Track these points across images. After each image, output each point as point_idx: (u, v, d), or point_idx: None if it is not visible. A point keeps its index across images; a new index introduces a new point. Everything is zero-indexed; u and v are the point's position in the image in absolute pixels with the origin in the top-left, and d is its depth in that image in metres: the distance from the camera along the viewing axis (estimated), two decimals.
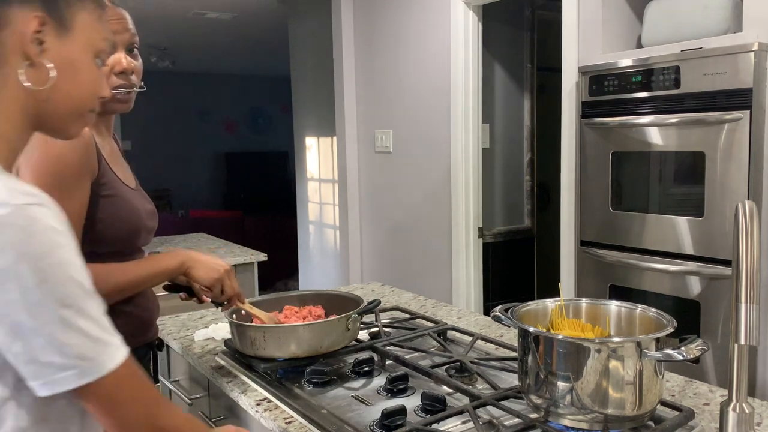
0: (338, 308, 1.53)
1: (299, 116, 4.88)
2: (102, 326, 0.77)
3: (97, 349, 0.75)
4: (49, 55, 0.80)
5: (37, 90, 0.80)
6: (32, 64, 0.79)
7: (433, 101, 3.33)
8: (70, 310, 0.73)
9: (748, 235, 0.93)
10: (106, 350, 0.76)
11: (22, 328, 0.71)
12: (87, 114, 0.87)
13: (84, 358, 0.74)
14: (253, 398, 1.29)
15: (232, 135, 9.97)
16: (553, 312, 1.20)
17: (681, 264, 2.15)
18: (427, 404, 1.20)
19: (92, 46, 0.85)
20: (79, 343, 0.74)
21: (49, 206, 0.75)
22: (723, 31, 2.15)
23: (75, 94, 0.84)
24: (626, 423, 1.03)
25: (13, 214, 0.71)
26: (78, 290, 0.75)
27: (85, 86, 0.85)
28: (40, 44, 0.80)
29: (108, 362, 0.76)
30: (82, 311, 0.74)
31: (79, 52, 0.83)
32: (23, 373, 0.74)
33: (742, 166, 1.98)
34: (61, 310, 0.72)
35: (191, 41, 6.71)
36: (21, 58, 0.79)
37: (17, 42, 0.79)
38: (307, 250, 4.92)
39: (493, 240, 3.76)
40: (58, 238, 0.74)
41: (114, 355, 0.77)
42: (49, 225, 0.73)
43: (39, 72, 0.80)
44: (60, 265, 0.73)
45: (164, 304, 2.76)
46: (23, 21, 0.78)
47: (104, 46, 0.87)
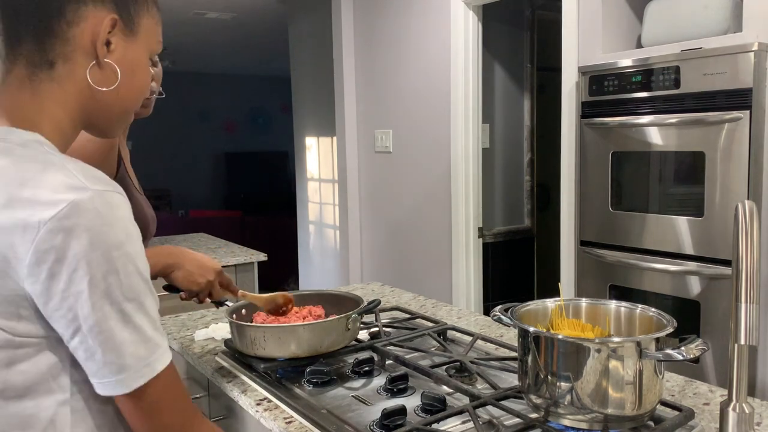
0: (338, 308, 1.53)
1: (299, 116, 4.88)
2: (156, 326, 0.76)
3: (149, 348, 0.74)
4: (115, 56, 0.80)
5: (100, 90, 0.80)
6: (98, 64, 0.79)
7: (433, 101, 3.33)
8: (132, 304, 0.72)
9: (748, 235, 0.93)
10: (156, 351, 0.75)
11: (85, 320, 0.70)
12: (132, 114, 0.88)
13: (138, 357, 0.73)
14: (253, 398, 1.29)
15: (232, 135, 9.97)
16: (553, 312, 1.20)
17: (681, 264, 2.15)
18: (427, 404, 1.20)
19: (150, 48, 0.86)
20: (135, 341, 0.72)
21: (123, 195, 0.74)
22: (723, 31, 2.15)
23: (131, 96, 0.84)
24: (626, 423, 1.03)
25: (93, 200, 0.70)
26: (143, 284, 0.74)
27: (139, 89, 0.85)
28: (107, 45, 0.79)
29: (158, 364, 0.75)
30: (142, 307, 0.73)
31: (140, 55, 0.84)
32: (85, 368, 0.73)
33: (742, 166, 1.98)
34: (124, 304, 0.71)
35: (191, 41, 6.71)
36: (89, 57, 0.79)
37: (87, 41, 0.78)
38: (307, 250, 4.92)
39: (493, 240, 3.76)
40: (131, 229, 0.73)
41: (162, 357, 0.76)
42: (125, 215, 0.73)
43: (105, 72, 0.80)
44: (130, 256, 0.72)
45: (164, 304, 2.76)
46: (96, 20, 0.78)
47: (158, 48, 0.88)
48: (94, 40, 0.78)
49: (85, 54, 0.78)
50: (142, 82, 0.85)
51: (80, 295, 0.69)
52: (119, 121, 0.86)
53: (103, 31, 0.78)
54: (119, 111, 0.84)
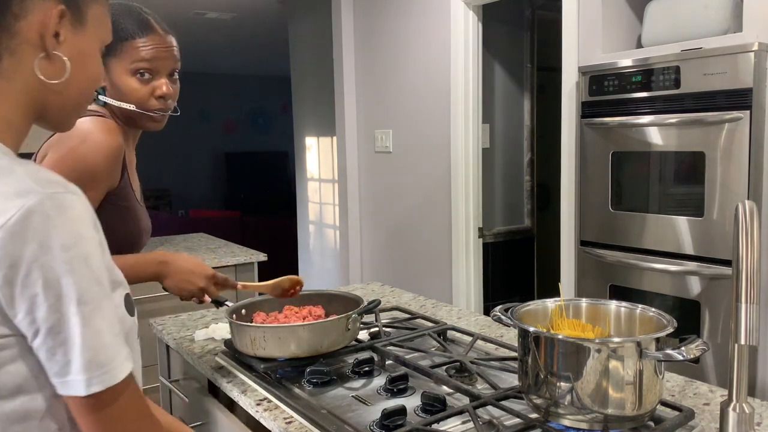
0: (338, 308, 1.53)
1: (299, 116, 4.88)
2: (115, 332, 0.74)
3: (109, 354, 0.72)
4: (65, 47, 0.79)
5: (50, 83, 0.78)
6: (48, 57, 0.78)
7: (433, 101, 3.32)
8: (88, 307, 0.70)
9: (748, 235, 0.93)
10: (116, 359, 0.73)
11: (43, 322, 0.69)
12: (84, 106, 0.86)
13: (97, 363, 0.71)
14: (253, 398, 1.29)
15: (232, 135, 9.96)
16: (553, 312, 1.20)
17: (681, 264, 2.15)
18: (427, 404, 1.20)
19: (101, 38, 0.85)
20: (94, 346, 0.71)
21: (78, 195, 0.73)
22: (723, 31, 2.15)
23: (82, 88, 0.83)
24: (626, 423, 1.03)
25: (43, 203, 0.69)
26: (97, 288, 0.72)
27: (92, 79, 0.84)
28: (56, 36, 0.78)
29: (118, 372, 0.73)
30: (99, 311, 0.72)
31: (90, 45, 0.82)
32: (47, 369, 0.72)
33: (742, 166, 1.98)
34: (81, 307, 0.70)
35: (191, 41, 6.71)
36: (37, 50, 0.77)
37: (34, 33, 0.77)
38: (307, 250, 4.92)
39: (493, 240, 3.76)
40: (84, 230, 0.72)
41: (122, 366, 0.74)
42: (77, 215, 0.71)
43: (54, 65, 0.78)
44: (84, 258, 0.71)
45: (164, 304, 2.77)
46: (43, 12, 0.77)
47: (108, 38, 0.87)
48: (42, 32, 0.77)
49: (32, 47, 0.77)
50: (93, 72, 0.84)
51: (35, 298, 0.69)
52: (72, 114, 0.85)
53: (51, 23, 0.77)
54: (72, 104, 0.83)
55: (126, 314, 0.82)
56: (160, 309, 2.75)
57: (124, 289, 0.83)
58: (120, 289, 0.82)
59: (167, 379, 1.82)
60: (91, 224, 0.74)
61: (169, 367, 1.83)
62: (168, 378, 1.82)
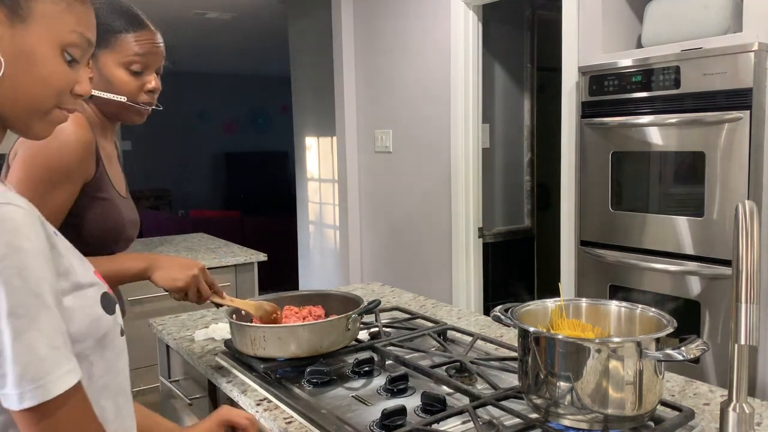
0: (338, 308, 1.53)
1: (299, 116, 4.88)
2: (53, 345, 0.70)
3: (43, 369, 0.69)
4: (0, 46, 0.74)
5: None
6: None
7: (433, 101, 3.32)
8: (21, 321, 0.68)
9: (748, 235, 0.93)
10: (53, 372, 0.69)
11: None
12: (54, 111, 0.80)
13: (30, 378, 0.68)
14: (253, 398, 1.29)
15: (232, 135, 9.97)
16: (553, 312, 1.20)
17: (681, 264, 2.15)
18: (427, 404, 1.20)
19: (56, 39, 0.77)
20: (27, 361, 0.68)
21: (20, 207, 0.71)
22: (723, 31, 2.15)
23: (33, 89, 0.76)
24: (626, 423, 1.03)
25: None
26: (33, 300, 0.69)
27: (46, 81, 0.77)
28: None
29: (53, 387, 0.69)
30: (34, 324, 0.69)
31: (38, 43, 0.75)
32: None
33: (742, 166, 1.98)
34: (12, 320, 0.67)
35: (191, 41, 6.71)
36: None
37: None
38: (307, 250, 4.92)
39: (493, 240, 3.76)
40: (20, 242, 0.69)
41: (63, 379, 0.70)
42: (13, 227, 0.69)
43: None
44: (18, 270, 0.68)
45: (164, 304, 2.77)
46: None
47: (73, 39, 0.78)
48: None
49: None
50: (47, 72, 0.76)
51: None
52: (32, 119, 0.79)
53: None
54: (26, 105, 0.77)
55: (103, 313, 0.81)
56: (160, 309, 2.76)
57: (99, 288, 0.82)
58: (92, 289, 0.80)
59: (167, 379, 1.82)
60: (32, 235, 0.70)
61: (169, 367, 1.83)
62: (168, 378, 1.82)
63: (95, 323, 0.79)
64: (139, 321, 2.68)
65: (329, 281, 4.57)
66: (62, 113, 0.81)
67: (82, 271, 0.80)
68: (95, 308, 0.80)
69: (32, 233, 0.71)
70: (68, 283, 0.77)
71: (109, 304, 0.83)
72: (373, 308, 1.53)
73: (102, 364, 0.81)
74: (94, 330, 0.79)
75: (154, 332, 1.84)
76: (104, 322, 0.81)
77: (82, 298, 0.79)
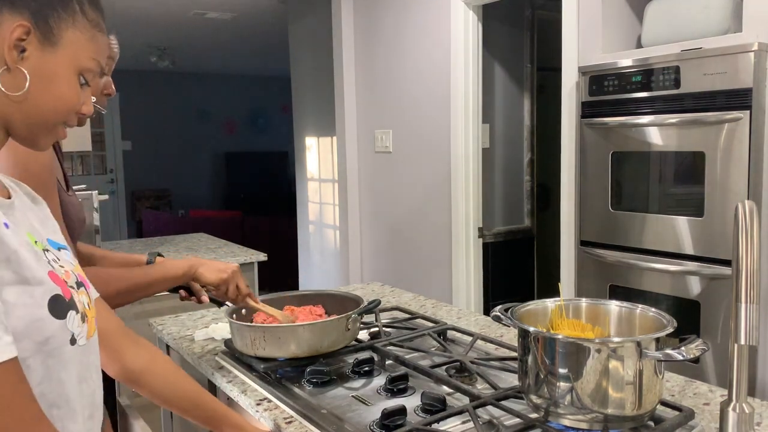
0: (338, 308, 1.53)
1: (299, 116, 4.88)
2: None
3: None
4: (28, 63, 0.81)
5: (9, 94, 0.80)
6: (9, 69, 0.80)
7: (433, 101, 3.33)
8: None
9: (748, 235, 0.93)
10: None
11: None
12: (59, 127, 0.86)
13: None
14: (253, 398, 1.29)
15: (232, 135, 9.97)
16: (553, 312, 1.20)
17: (681, 264, 2.15)
18: (427, 404, 1.20)
19: (77, 64, 0.85)
20: None
21: None
22: (723, 31, 2.15)
23: (47, 106, 0.83)
24: (626, 423, 1.03)
25: None
26: None
27: (60, 100, 0.84)
28: (21, 51, 0.80)
29: None
30: None
31: (61, 66, 0.83)
32: None
33: (742, 166, 1.98)
34: None
35: (191, 41, 6.71)
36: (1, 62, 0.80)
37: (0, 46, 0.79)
38: (307, 250, 4.92)
39: (493, 240, 3.76)
40: None
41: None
42: None
43: (15, 77, 0.80)
44: None
45: (164, 304, 2.77)
46: (8, 27, 0.79)
47: (91, 66, 0.86)
48: (3, 45, 0.79)
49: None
50: (63, 93, 0.84)
51: None
52: (44, 133, 0.85)
53: (11, 37, 0.79)
54: (36, 121, 0.84)
55: (47, 316, 0.78)
56: (160, 309, 2.75)
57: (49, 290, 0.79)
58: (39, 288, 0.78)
59: None
60: None
61: None
62: None
63: (35, 324, 0.76)
64: (139, 321, 2.68)
65: (329, 281, 4.57)
66: (64, 130, 0.88)
67: (32, 266, 0.78)
68: (39, 309, 0.77)
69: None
70: (10, 273, 0.75)
71: (59, 307, 0.80)
72: (373, 308, 1.53)
73: (42, 371, 0.78)
74: (33, 332, 0.76)
75: (154, 332, 1.84)
76: (48, 326, 0.78)
77: (26, 295, 0.76)
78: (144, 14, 5.29)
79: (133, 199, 8.99)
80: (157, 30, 6.01)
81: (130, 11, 5.11)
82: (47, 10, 0.82)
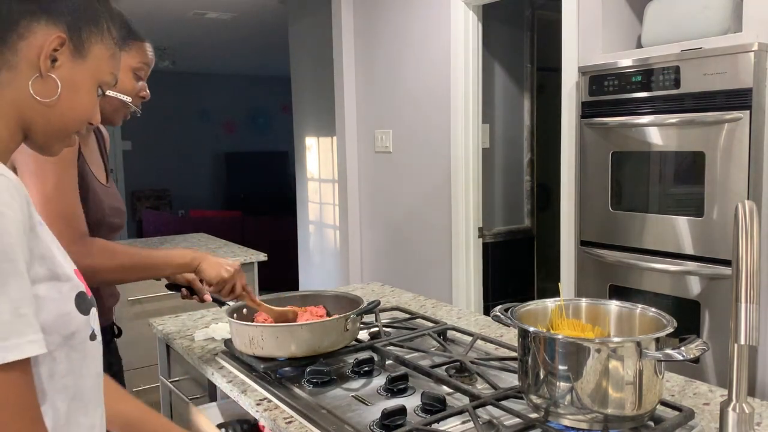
0: (338, 308, 1.53)
1: (299, 116, 4.88)
2: (18, 313, 0.70)
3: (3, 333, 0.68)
4: (59, 72, 0.84)
5: (38, 101, 0.83)
6: (41, 77, 0.83)
7: (433, 101, 3.33)
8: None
9: (748, 235, 0.93)
10: (10, 338, 0.69)
11: None
12: (73, 135, 0.90)
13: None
14: (253, 398, 1.29)
15: (232, 135, 9.97)
16: (553, 312, 1.20)
17: (681, 264, 2.15)
18: (427, 404, 1.20)
19: (98, 77, 0.90)
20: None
21: (5, 176, 0.73)
22: (723, 31, 2.16)
23: (68, 115, 0.87)
24: (626, 423, 1.03)
25: None
26: (4, 264, 0.70)
27: (80, 110, 0.88)
28: (54, 61, 0.84)
29: (7, 354, 0.69)
30: (1, 288, 0.69)
31: (86, 78, 0.88)
32: None
33: (742, 166, 1.98)
34: None
35: (191, 41, 6.71)
36: (33, 69, 0.83)
37: (33, 54, 0.82)
38: (307, 250, 4.92)
39: (493, 240, 3.76)
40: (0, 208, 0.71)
41: (23, 348, 0.70)
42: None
43: (46, 85, 0.84)
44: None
45: (165, 304, 2.77)
46: (45, 37, 0.83)
47: (109, 80, 0.92)
48: (40, 53, 0.83)
49: (29, 65, 0.83)
50: (84, 103, 0.88)
51: None
52: (57, 139, 0.88)
53: (47, 46, 0.83)
54: (55, 128, 0.87)
55: (74, 311, 0.81)
56: (160, 309, 2.76)
57: (75, 286, 0.82)
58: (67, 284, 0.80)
59: (167, 379, 1.82)
60: (13, 205, 0.73)
61: (169, 367, 1.83)
62: (168, 378, 1.82)
63: (64, 318, 0.79)
64: (139, 321, 2.68)
65: (329, 281, 4.57)
66: (75, 137, 0.92)
67: (62, 263, 0.81)
68: (67, 304, 0.80)
69: (14, 203, 0.73)
70: (44, 270, 0.77)
71: (84, 304, 0.83)
72: (373, 308, 1.53)
73: (66, 363, 0.80)
74: (61, 326, 0.79)
75: (154, 332, 1.84)
76: (74, 320, 0.80)
77: (56, 290, 0.79)
78: (144, 14, 5.28)
79: (133, 199, 8.99)
80: (157, 30, 6.00)
81: (130, 11, 5.11)
82: (81, 24, 0.86)
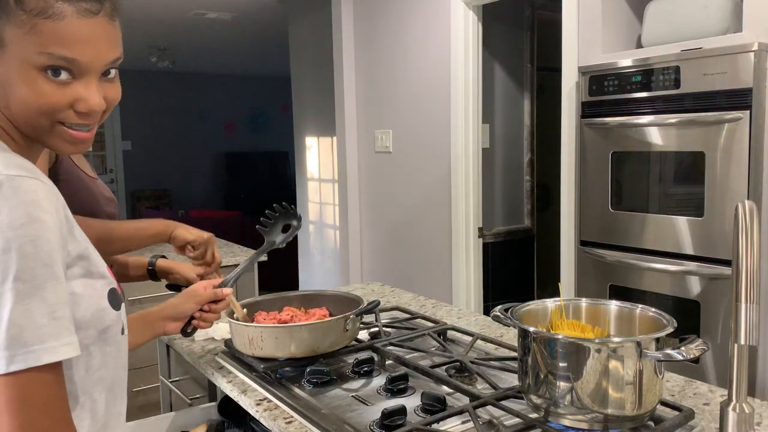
0: (338, 308, 1.53)
1: (299, 116, 4.88)
2: (55, 316, 0.72)
3: (38, 335, 0.70)
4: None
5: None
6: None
7: (433, 101, 3.33)
8: (26, 285, 0.70)
9: (748, 235, 0.93)
10: (47, 342, 0.71)
11: None
12: (56, 128, 0.81)
13: (22, 341, 0.69)
14: (253, 398, 1.29)
15: (232, 135, 9.96)
16: (553, 312, 1.20)
17: (681, 264, 2.15)
18: (427, 404, 1.20)
19: (26, 61, 0.77)
20: (23, 324, 0.69)
21: (44, 183, 0.75)
22: (723, 31, 2.15)
23: (25, 111, 0.79)
24: (626, 423, 1.03)
25: (2, 184, 0.72)
26: (42, 269, 0.71)
27: (24, 103, 0.78)
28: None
29: (44, 355, 0.70)
30: (39, 292, 0.71)
31: (12, 68, 0.77)
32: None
33: (742, 166, 1.98)
34: (17, 284, 0.69)
35: (191, 41, 6.71)
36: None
37: None
38: (307, 250, 4.92)
39: (493, 240, 3.76)
40: (38, 213, 0.72)
41: (58, 350, 0.72)
42: (33, 199, 0.72)
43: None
44: (31, 239, 0.71)
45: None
46: None
47: (43, 60, 0.77)
48: None
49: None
50: (21, 95, 0.78)
51: None
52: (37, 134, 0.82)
53: None
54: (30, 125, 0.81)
55: (108, 306, 0.83)
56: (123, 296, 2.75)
57: (108, 283, 0.84)
58: (102, 281, 0.83)
59: (167, 379, 1.82)
60: (51, 210, 0.74)
61: (169, 367, 1.83)
62: (168, 378, 1.82)
63: (99, 314, 0.81)
64: None
65: (329, 281, 4.57)
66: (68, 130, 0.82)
67: (97, 262, 0.84)
68: (102, 300, 0.82)
69: (52, 208, 0.75)
70: (82, 269, 0.80)
71: (116, 300, 0.85)
72: (373, 308, 1.53)
73: (100, 356, 0.83)
74: (97, 320, 0.81)
75: None
76: (108, 315, 0.83)
77: (92, 287, 0.81)
78: (144, 14, 5.28)
79: (133, 199, 8.99)
80: (157, 30, 6.01)
81: (130, 11, 5.11)
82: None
